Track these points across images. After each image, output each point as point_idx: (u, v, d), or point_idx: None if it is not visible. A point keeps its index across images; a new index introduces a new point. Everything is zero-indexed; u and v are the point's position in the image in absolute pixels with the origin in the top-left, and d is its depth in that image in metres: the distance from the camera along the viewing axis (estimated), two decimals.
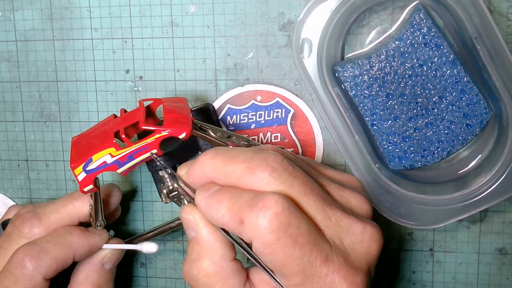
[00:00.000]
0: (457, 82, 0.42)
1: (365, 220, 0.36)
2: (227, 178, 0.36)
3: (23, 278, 0.40)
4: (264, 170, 0.34)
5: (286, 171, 0.35)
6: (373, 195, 0.43)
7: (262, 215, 0.33)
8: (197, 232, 0.37)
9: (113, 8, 0.47)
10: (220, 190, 0.35)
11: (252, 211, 0.33)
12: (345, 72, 0.43)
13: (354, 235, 0.35)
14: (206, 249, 0.36)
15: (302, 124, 0.47)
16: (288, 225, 0.33)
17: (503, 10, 0.43)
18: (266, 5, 0.45)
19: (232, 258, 0.37)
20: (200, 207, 0.36)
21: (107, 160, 0.40)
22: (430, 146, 0.43)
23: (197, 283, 0.37)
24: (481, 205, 0.42)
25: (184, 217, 0.37)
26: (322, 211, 0.35)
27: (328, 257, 0.34)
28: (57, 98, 0.49)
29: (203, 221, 0.36)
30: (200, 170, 0.37)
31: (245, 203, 0.34)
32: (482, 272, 0.47)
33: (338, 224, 0.35)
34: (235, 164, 0.35)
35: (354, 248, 0.35)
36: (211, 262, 0.36)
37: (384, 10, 0.44)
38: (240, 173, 0.35)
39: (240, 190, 0.35)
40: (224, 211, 0.34)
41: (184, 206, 0.38)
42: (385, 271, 0.48)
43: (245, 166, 0.35)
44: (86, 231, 0.43)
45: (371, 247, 0.36)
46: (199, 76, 0.47)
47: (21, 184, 0.51)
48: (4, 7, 0.49)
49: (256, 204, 0.33)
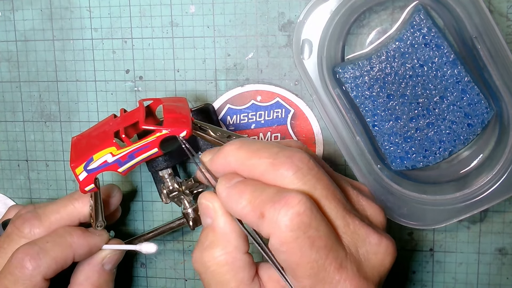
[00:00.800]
0: (457, 82, 0.42)
1: (382, 232, 0.36)
2: (251, 171, 0.35)
3: (22, 278, 0.40)
4: (289, 169, 0.34)
5: (310, 172, 0.34)
6: (375, 195, 0.43)
7: (284, 212, 0.32)
8: (214, 219, 0.36)
9: (113, 8, 0.47)
10: (243, 182, 0.35)
11: (274, 207, 0.33)
12: (345, 74, 0.43)
13: (370, 246, 0.35)
14: (221, 238, 0.36)
15: (302, 124, 0.47)
16: (309, 226, 0.32)
17: (503, 10, 0.43)
18: (266, 5, 0.45)
19: (245, 251, 0.36)
20: (221, 196, 0.36)
21: (108, 160, 0.40)
22: (432, 146, 0.43)
23: (207, 270, 0.36)
24: (482, 205, 0.42)
25: (203, 203, 0.37)
26: (342, 217, 0.34)
27: (343, 264, 0.33)
28: (57, 98, 0.49)
29: (221, 210, 0.36)
30: (224, 159, 0.36)
31: (268, 198, 0.33)
32: (482, 272, 0.47)
33: (355, 232, 0.35)
34: (259, 158, 0.35)
35: (368, 258, 0.35)
36: (224, 252, 0.36)
37: (384, 10, 0.44)
38: (264, 168, 0.34)
39: (262, 185, 0.34)
40: (245, 203, 0.34)
41: (204, 192, 0.37)
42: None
43: (270, 162, 0.34)
44: (86, 232, 0.42)
45: (385, 260, 0.35)
46: (199, 76, 0.47)
47: (21, 184, 0.51)
48: (4, 7, 0.49)
49: (279, 200, 0.33)
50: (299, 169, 0.34)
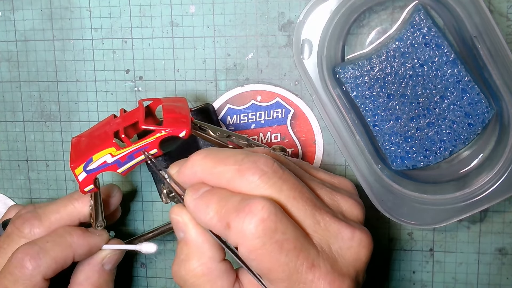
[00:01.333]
0: (458, 82, 0.42)
1: (355, 225, 0.36)
2: (217, 180, 0.35)
3: (22, 278, 0.40)
4: (254, 173, 0.34)
5: (275, 175, 0.34)
6: (375, 195, 0.43)
7: (248, 221, 0.32)
8: (185, 233, 0.37)
9: (113, 8, 0.47)
10: (209, 191, 0.35)
11: (239, 216, 0.33)
12: (345, 74, 0.43)
13: (342, 241, 0.35)
14: (195, 250, 0.36)
15: (302, 124, 0.47)
16: (274, 231, 0.32)
17: (503, 10, 0.43)
18: (266, 5, 0.45)
19: (221, 259, 0.37)
20: (189, 208, 0.36)
21: (107, 160, 0.40)
22: (432, 146, 0.43)
23: (186, 283, 0.36)
24: (482, 205, 0.42)
25: (173, 218, 0.37)
26: (311, 216, 0.34)
27: (315, 262, 0.33)
28: (57, 98, 0.49)
29: (191, 222, 0.36)
30: (190, 170, 0.36)
31: (232, 207, 0.33)
32: (482, 272, 0.47)
33: (326, 229, 0.35)
34: (225, 165, 0.35)
35: (342, 254, 0.35)
36: (200, 263, 0.36)
37: (384, 10, 0.44)
38: (230, 176, 0.35)
39: (229, 193, 0.35)
40: (212, 214, 0.34)
41: (173, 206, 0.38)
42: (385, 271, 0.48)
43: (235, 169, 0.34)
44: (86, 232, 0.42)
45: (360, 253, 0.35)
46: (199, 76, 0.47)
47: (21, 184, 0.51)
48: (4, 7, 0.49)
49: (242, 209, 0.33)
50: (264, 173, 0.34)
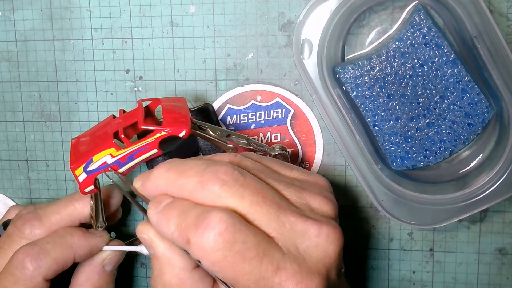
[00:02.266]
0: (458, 82, 0.42)
1: (322, 221, 0.35)
2: (180, 192, 0.35)
3: (23, 278, 0.40)
4: (214, 183, 0.34)
5: (236, 183, 0.34)
6: (375, 195, 0.43)
7: (207, 235, 0.32)
8: (153, 249, 0.37)
9: (113, 8, 0.47)
10: (170, 205, 0.35)
11: (197, 231, 0.33)
12: (345, 74, 0.43)
13: (309, 239, 0.34)
14: (166, 264, 0.36)
15: (302, 124, 0.47)
16: (233, 242, 0.32)
17: (503, 10, 0.43)
18: (266, 5, 0.45)
19: (192, 267, 0.36)
20: (152, 222, 0.36)
21: (107, 161, 0.40)
22: (432, 146, 0.43)
23: None
24: (482, 205, 0.42)
25: (140, 236, 0.37)
26: (276, 218, 0.34)
27: (280, 265, 0.33)
28: (57, 98, 0.49)
29: (157, 237, 0.36)
30: (153, 183, 0.36)
31: (191, 222, 0.33)
32: (482, 272, 0.47)
33: (292, 230, 0.34)
34: (187, 178, 0.35)
35: (310, 253, 0.34)
36: (172, 275, 0.36)
37: (384, 10, 0.44)
38: (192, 187, 0.34)
39: (190, 205, 0.34)
40: (173, 229, 0.34)
41: (138, 224, 0.38)
42: (385, 271, 0.48)
43: (197, 180, 0.34)
44: (87, 232, 0.43)
45: (328, 249, 0.34)
46: (199, 76, 0.47)
47: (21, 184, 0.51)
48: (4, 7, 0.49)
49: (201, 224, 0.33)
50: (225, 183, 0.34)
